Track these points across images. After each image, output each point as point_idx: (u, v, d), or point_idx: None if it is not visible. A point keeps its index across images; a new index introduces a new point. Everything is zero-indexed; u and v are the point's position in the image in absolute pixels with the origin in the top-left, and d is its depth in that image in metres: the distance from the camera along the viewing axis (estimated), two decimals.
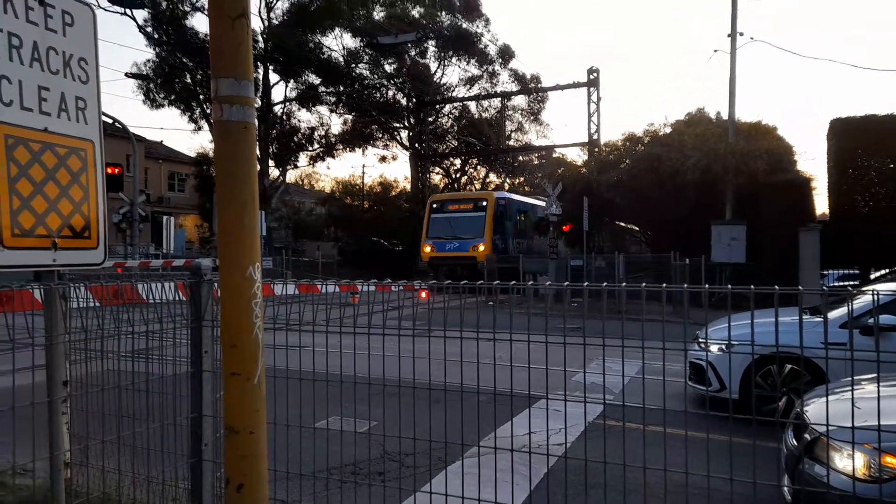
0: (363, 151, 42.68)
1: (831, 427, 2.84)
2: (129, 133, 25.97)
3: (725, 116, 22.68)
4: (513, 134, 44.17)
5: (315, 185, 56.75)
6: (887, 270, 12.85)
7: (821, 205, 26.03)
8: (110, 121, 24.12)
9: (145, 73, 32.30)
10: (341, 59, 35.21)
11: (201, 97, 33.06)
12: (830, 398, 3.10)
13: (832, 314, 6.30)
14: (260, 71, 32.73)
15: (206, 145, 40.64)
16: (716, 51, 32.77)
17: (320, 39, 33.81)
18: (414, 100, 38.02)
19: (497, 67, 40.43)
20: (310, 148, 37.67)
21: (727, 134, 21.51)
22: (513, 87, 40.22)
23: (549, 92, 39.51)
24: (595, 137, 28.20)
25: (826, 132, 20.10)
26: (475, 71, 40.30)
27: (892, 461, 3.02)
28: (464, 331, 2.74)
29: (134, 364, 3.27)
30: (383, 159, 44.38)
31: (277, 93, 35.76)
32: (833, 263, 18.63)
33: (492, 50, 39.37)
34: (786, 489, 3.55)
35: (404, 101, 39.31)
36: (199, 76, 32.40)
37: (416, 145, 38.76)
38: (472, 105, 41.33)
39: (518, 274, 20.49)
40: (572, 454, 2.89)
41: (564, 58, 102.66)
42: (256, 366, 2.35)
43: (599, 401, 3.30)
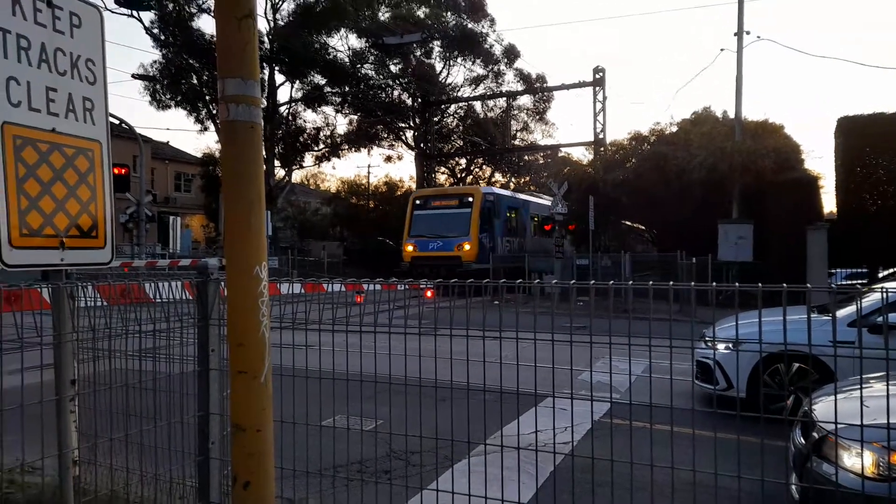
0: (368, 151, 42.74)
1: (840, 425, 2.83)
2: (136, 134, 26.08)
3: (732, 115, 22.59)
4: (518, 133, 44.11)
5: (320, 185, 56.89)
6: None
7: (828, 203, 25.88)
8: (117, 122, 24.23)
9: (152, 75, 32.46)
10: (347, 60, 35.25)
11: (207, 98, 33.18)
12: (839, 396, 3.09)
13: (840, 312, 6.27)
14: (266, 71, 32.81)
15: (213, 146, 40.81)
16: (722, 49, 32.72)
17: (326, 40, 33.88)
18: (419, 100, 38.02)
19: (502, 67, 40.40)
20: (315, 148, 37.75)
21: (734, 133, 21.42)
22: (518, 87, 40.19)
23: (555, 91, 39.48)
24: (601, 137, 28.15)
25: (833, 130, 20.01)
26: (480, 71, 40.30)
27: None
28: (470, 329, 2.74)
29: (141, 363, 3.29)
30: (389, 159, 44.55)
31: (283, 93, 35.98)
32: (841, 262, 18.54)
33: (497, 50, 39.36)
34: (794, 487, 3.53)
35: (410, 101, 39.32)
36: (206, 77, 32.52)
37: (422, 145, 38.77)
38: (478, 105, 41.34)
39: (506, 275, 19.97)
40: (579, 452, 2.89)
41: (570, 57, 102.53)
42: (263, 364, 2.36)
43: (606, 399, 3.30)
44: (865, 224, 18.29)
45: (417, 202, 26.06)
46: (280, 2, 32.90)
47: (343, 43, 38.07)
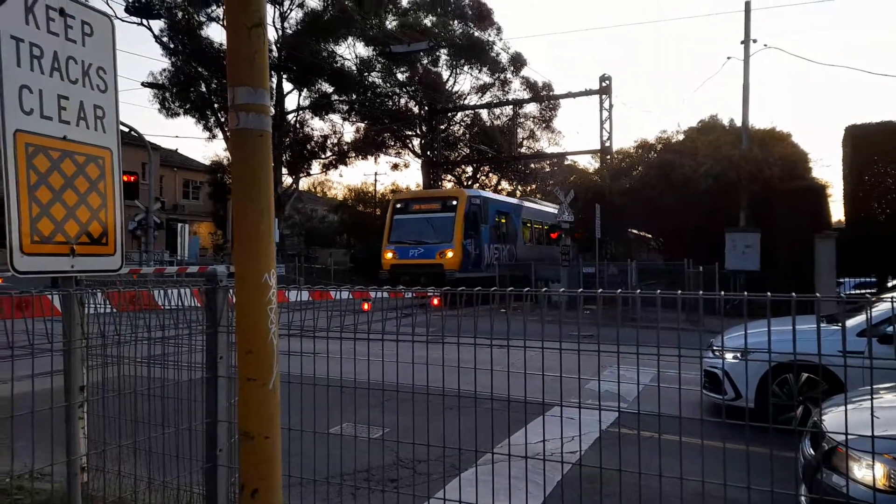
0: (375, 159, 42.94)
1: (850, 436, 2.80)
2: (145, 141, 26.27)
3: (739, 123, 22.55)
4: (524, 141, 44.19)
5: (327, 193, 57.05)
6: None
7: (836, 212, 25.75)
8: (126, 129, 24.43)
9: (161, 83, 32.71)
10: (354, 68, 35.44)
11: (216, 106, 33.40)
12: (848, 407, 3.06)
13: (849, 322, 6.23)
14: (273, 80, 33.01)
15: (221, 153, 41.06)
16: (729, 58, 32.52)
17: (333, 48, 34.07)
18: (426, 108, 38.13)
19: (509, 75, 40.54)
20: (322, 156, 37.90)
21: (741, 141, 21.38)
22: (525, 95, 40.27)
23: (561, 99, 39.56)
24: (607, 145, 28.13)
25: (841, 139, 19.94)
26: (487, 79, 40.43)
27: None
28: (477, 337, 2.74)
29: (150, 369, 3.30)
30: (395, 167, 44.56)
31: (291, 101, 36.16)
32: (849, 271, 18.42)
33: (504, 58, 39.50)
34: (803, 499, 3.50)
35: (416, 109, 39.45)
36: (214, 85, 32.74)
37: (428, 153, 38.86)
38: (484, 113, 41.42)
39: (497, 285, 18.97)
40: (586, 462, 2.87)
41: (576, 66, 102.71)
42: (271, 371, 2.36)
43: (613, 409, 3.29)
44: (874, 233, 18.19)
45: (398, 206, 24.06)
46: (288, 11, 33.15)
47: (350, 51, 38.29)
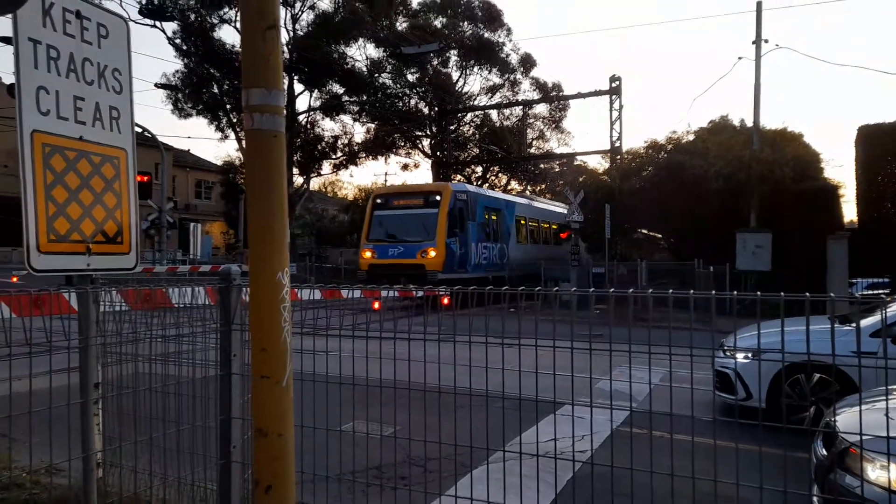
0: (385, 159, 42.98)
1: (864, 437, 2.79)
2: (158, 142, 26.49)
3: (750, 123, 22.42)
4: (534, 142, 44.12)
5: (338, 193, 57.25)
6: None
7: (849, 212, 25.52)
8: (140, 130, 24.63)
9: (174, 84, 32.96)
10: (364, 69, 35.54)
11: (228, 107, 33.61)
12: (862, 408, 3.04)
13: (862, 323, 6.19)
14: (285, 81, 33.05)
15: (233, 153, 41.28)
16: (740, 58, 32.33)
17: (344, 50, 34.19)
18: (436, 108, 38.18)
19: (519, 76, 40.54)
20: (333, 156, 38.04)
21: (752, 141, 21.25)
22: (534, 96, 40.22)
23: (571, 100, 39.47)
24: (617, 145, 28.05)
25: (854, 139, 19.78)
26: (497, 80, 40.44)
27: None
28: (489, 337, 2.75)
29: (164, 367, 3.34)
30: (405, 167, 44.61)
31: (302, 102, 36.29)
32: (862, 272, 18.27)
33: (513, 59, 39.49)
34: (815, 499, 3.49)
35: (426, 110, 39.51)
36: (226, 86, 32.95)
37: (438, 153, 38.90)
38: (494, 113, 41.41)
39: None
40: (597, 461, 2.87)
41: (586, 66, 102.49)
42: (285, 369, 2.38)
43: (624, 408, 3.29)
44: (887, 233, 18.02)
45: (378, 201, 22.24)
46: (300, 12, 33.29)
47: (361, 52, 38.42)
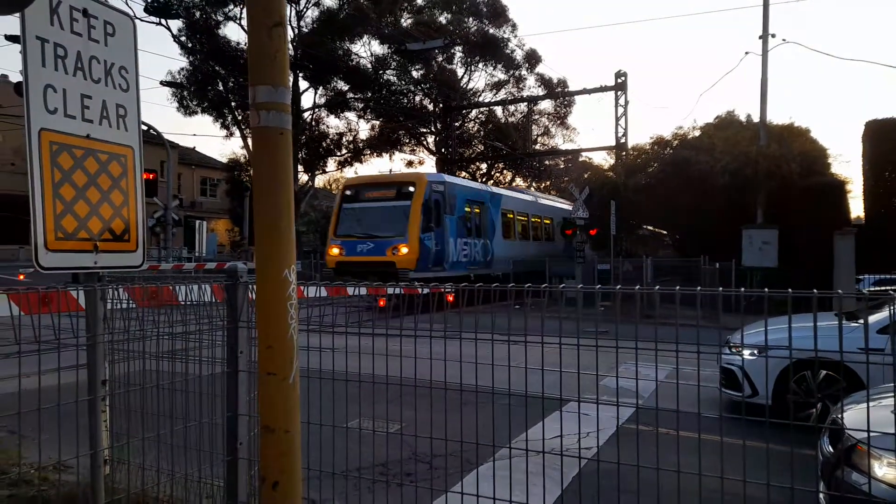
0: (390, 156, 43.05)
1: (872, 433, 2.78)
2: (164, 140, 26.56)
3: (756, 119, 22.34)
4: (539, 138, 44.07)
5: None
6: None
7: (856, 208, 25.39)
8: (145, 128, 24.70)
9: (179, 81, 33.03)
10: (369, 66, 35.55)
11: (233, 104, 33.67)
12: (869, 405, 3.02)
13: (870, 319, 6.16)
14: (290, 78, 33.16)
15: (238, 151, 41.39)
16: (747, 53, 32.36)
17: (349, 47, 34.21)
18: (441, 105, 38.15)
19: (524, 72, 40.45)
20: (338, 153, 38.08)
21: (758, 136, 21.15)
22: (539, 92, 40.16)
23: (576, 96, 39.29)
24: (622, 141, 27.95)
25: (861, 134, 19.68)
26: (502, 76, 40.39)
27: None
28: (495, 333, 2.75)
29: (171, 364, 3.35)
30: (410, 164, 44.61)
31: (307, 99, 36.35)
32: (869, 268, 18.18)
33: (518, 55, 39.42)
34: (822, 496, 3.48)
35: (431, 107, 39.49)
36: (231, 84, 33.01)
37: (443, 150, 38.86)
38: (499, 110, 41.36)
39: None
40: (603, 458, 2.88)
41: (592, 62, 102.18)
42: (291, 366, 2.39)
43: (629, 405, 3.29)
44: (894, 229, 17.93)
45: (348, 193, 20.44)
46: (304, 9, 33.32)
47: (366, 49, 38.46)
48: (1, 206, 35.80)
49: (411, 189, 19.42)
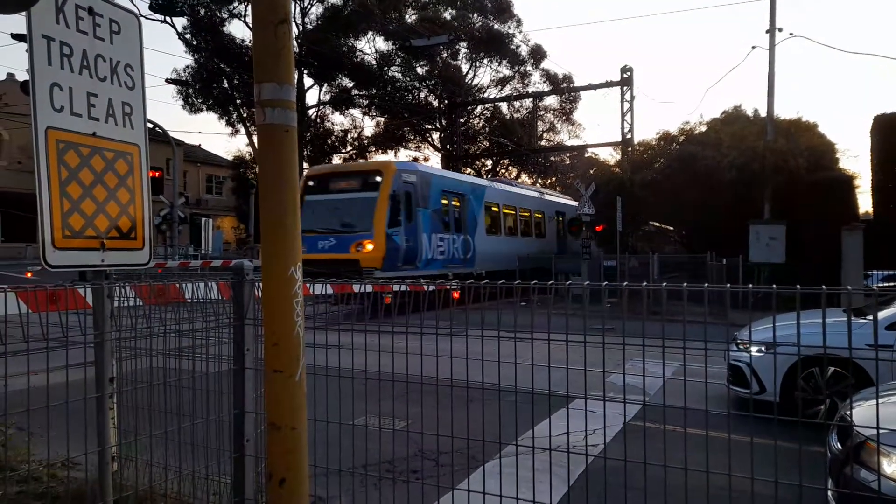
0: (395, 153, 42.98)
1: (881, 430, 2.76)
2: (170, 137, 26.64)
3: (763, 114, 22.17)
4: (544, 134, 43.96)
5: None
6: None
7: (864, 203, 25.22)
8: (151, 125, 24.77)
9: (184, 79, 33.12)
10: (374, 63, 35.55)
11: (238, 101, 33.73)
12: (876, 401, 3.00)
13: (879, 315, 6.12)
14: (295, 75, 33.21)
15: (243, 148, 41.52)
16: (754, 47, 31.97)
17: (353, 43, 34.21)
18: (445, 101, 38.11)
19: (529, 68, 40.36)
20: (343, 150, 38.13)
21: (765, 131, 21.02)
22: (545, 88, 40.06)
23: (582, 91, 39.29)
24: (628, 137, 27.87)
25: (870, 128, 19.53)
26: (507, 72, 40.29)
27: None
28: (501, 330, 2.75)
29: (178, 361, 3.36)
30: (415, 161, 44.65)
31: (311, 96, 36.31)
32: (877, 263, 18.07)
33: (523, 50, 39.31)
34: (830, 493, 3.46)
35: (436, 103, 39.45)
36: (236, 81, 33.06)
37: (448, 146, 38.83)
38: (504, 106, 41.28)
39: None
40: (610, 455, 2.88)
41: (597, 57, 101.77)
42: (298, 363, 2.39)
43: (636, 402, 3.28)
44: None
45: (311, 184, 18.52)
46: (309, 6, 33.32)
47: (370, 46, 38.37)
48: (8, 205, 36.01)
49: (378, 179, 17.40)
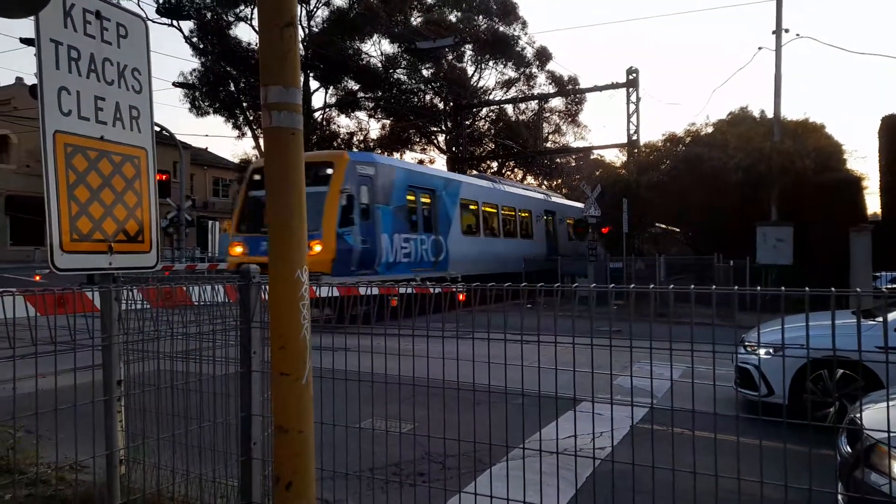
0: (401, 155, 43.02)
1: (890, 433, 2.73)
2: (177, 140, 26.76)
3: (770, 115, 22.09)
4: (550, 136, 43.96)
5: None
6: None
7: (872, 204, 25.09)
8: (158, 129, 24.90)
9: (191, 82, 33.26)
10: (379, 65, 35.63)
11: (244, 104, 33.85)
12: (886, 404, 2.98)
13: (889, 317, 6.08)
14: (301, 78, 33.34)
15: (249, 151, 41.59)
16: (760, 48, 31.89)
17: (359, 46, 34.29)
18: (451, 103, 38.14)
19: (534, 70, 40.34)
20: None
21: (772, 133, 20.94)
22: (550, 89, 40.05)
23: (588, 93, 39.17)
24: (634, 138, 27.80)
25: (878, 129, 19.43)
26: (512, 74, 40.30)
27: None
28: (507, 333, 2.74)
29: (185, 364, 3.37)
30: (420, 163, 44.69)
31: (317, 99, 36.45)
32: (886, 265, 17.94)
33: (529, 52, 39.32)
34: (840, 497, 3.44)
35: (441, 105, 39.49)
36: (243, 84, 33.19)
37: (454, 149, 38.84)
38: (510, 108, 41.29)
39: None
40: (617, 458, 2.85)
41: (603, 58, 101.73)
42: (305, 366, 2.39)
43: (644, 404, 3.26)
44: None
45: (255, 178, 16.16)
46: (315, 9, 33.42)
47: (376, 49, 38.51)
48: (16, 208, 36.23)
49: (328, 172, 15.02)
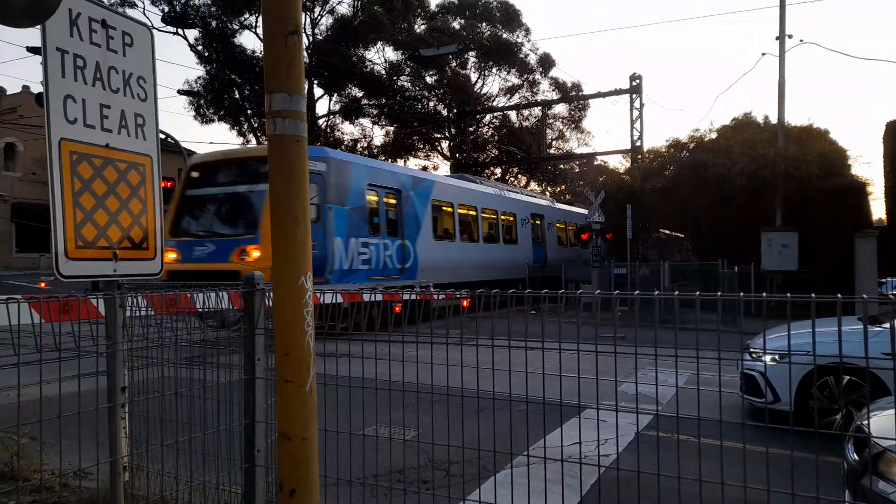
0: (405, 162, 43.10)
1: None
2: (181, 148, 26.85)
3: (774, 120, 22.05)
4: (553, 142, 43.95)
5: None
6: None
7: (877, 210, 25.02)
8: (163, 136, 25.01)
9: (196, 90, 33.44)
10: (383, 73, 35.75)
11: (249, 112, 33.99)
12: (893, 411, 2.97)
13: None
14: (305, 85, 33.47)
15: None
16: (764, 54, 32.11)
17: (363, 53, 34.44)
18: (454, 110, 38.23)
19: (537, 76, 40.44)
20: None
21: (776, 138, 20.91)
22: (553, 96, 40.08)
23: (591, 100, 39.23)
24: (638, 144, 27.81)
25: (882, 134, 19.38)
26: (515, 80, 40.38)
27: None
28: (512, 339, 2.73)
29: (189, 371, 3.37)
30: (424, 169, 44.77)
31: (321, 106, 36.52)
32: (891, 270, 17.87)
33: (532, 59, 39.41)
34: None
35: (445, 112, 39.58)
36: (247, 91, 33.34)
37: (457, 155, 38.91)
38: (513, 114, 41.33)
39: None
40: (622, 465, 2.84)
41: (606, 65, 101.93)
42: (308, 373, 2.39)
43: (649, 411, 3.25)
44: None
45: (193, 175, 14.49)
46: (319, 17, 33.60)
47: (380, 56, 38.54)
48: (22, 215, 36.39)
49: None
